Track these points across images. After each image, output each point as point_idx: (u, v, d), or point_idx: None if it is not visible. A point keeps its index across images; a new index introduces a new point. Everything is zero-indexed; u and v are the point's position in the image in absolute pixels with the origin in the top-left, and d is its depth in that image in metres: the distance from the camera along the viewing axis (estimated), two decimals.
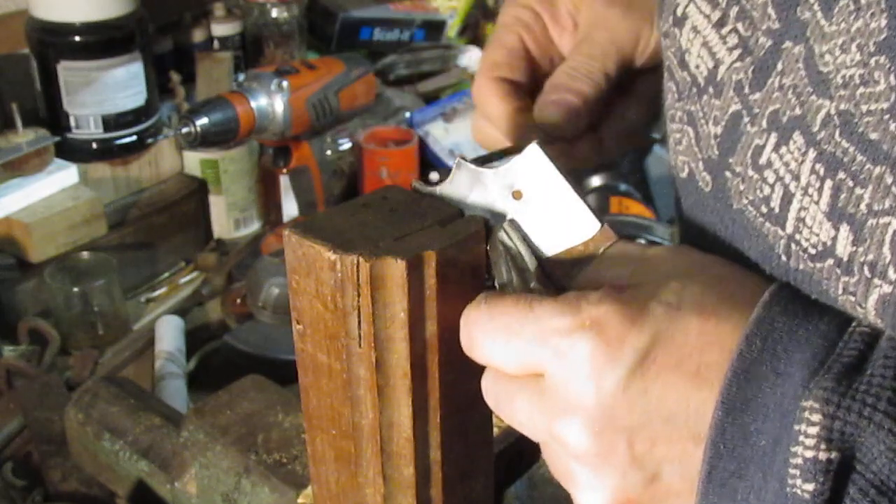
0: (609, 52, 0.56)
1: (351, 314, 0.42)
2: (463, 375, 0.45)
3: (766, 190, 0.40)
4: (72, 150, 1.20)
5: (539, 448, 0.42)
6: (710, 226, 0.45)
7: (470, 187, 0.44)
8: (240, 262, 1.26)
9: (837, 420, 0.34)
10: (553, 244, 0.43)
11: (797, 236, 0.39)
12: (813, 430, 0.34)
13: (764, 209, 0.40)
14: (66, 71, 1.17)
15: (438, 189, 0.45)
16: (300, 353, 0.45)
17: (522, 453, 0.61)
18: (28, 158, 1.12)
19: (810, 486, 0.34)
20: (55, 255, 1.12)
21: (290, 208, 1.32)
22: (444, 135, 1.38)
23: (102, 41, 1.17)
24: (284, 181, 1.30)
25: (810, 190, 0.37)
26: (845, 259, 0.37)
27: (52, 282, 1.09)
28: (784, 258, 0.40)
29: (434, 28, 1.70)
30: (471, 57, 1.66)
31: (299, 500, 0.64)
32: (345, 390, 0.44)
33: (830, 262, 0.38)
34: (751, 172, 0.40)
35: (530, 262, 0.43)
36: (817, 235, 0.38)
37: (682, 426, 0.37)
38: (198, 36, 1.44)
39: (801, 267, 0.39)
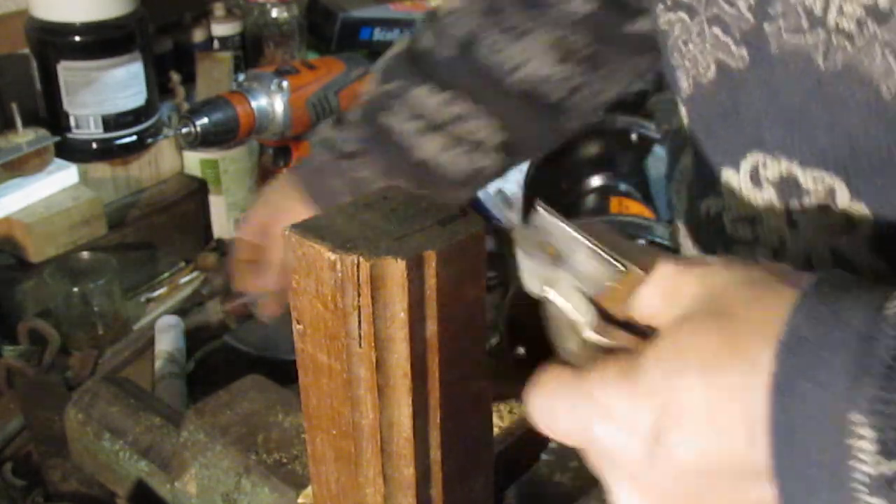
0: None
1: (351, 314, 0.42)
2: (463, 375, 0.45)
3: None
4: (72, 150, 1.20)
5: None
6: (746, 102, 0.51)
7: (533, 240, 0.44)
8: None
9: (891, 430, 0.33)
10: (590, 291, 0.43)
11: (833, 22, 0.44)
12: (868, 447, 0.33)
13: (805, 23, 0.46)
14: (66, 71, 1.17)
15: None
16: (300, 353, 0.45)
17: (523, 453, 0.61)
18: (28, 158, 1.12)
19: (879, 501, 0.33)
20: (55, 255, 1.12)
21: None
22: None
23: (102, 41, 1.17)
24: None
25: None
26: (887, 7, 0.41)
27: (52, 282, 1.09)
28: (821, 63, 0.45)
29: None
30: None
31: (299, 500, 0.64)
32: (345, 390, 0.44)
33: (870, 23, 0.41)
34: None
35: (584, 313, 0.42)
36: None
37: (733, 473, 0.37)
38: (198, 36, 1.44)
39: (840, 58, 0.43)
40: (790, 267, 0.40)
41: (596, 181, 1.17)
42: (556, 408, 0.40)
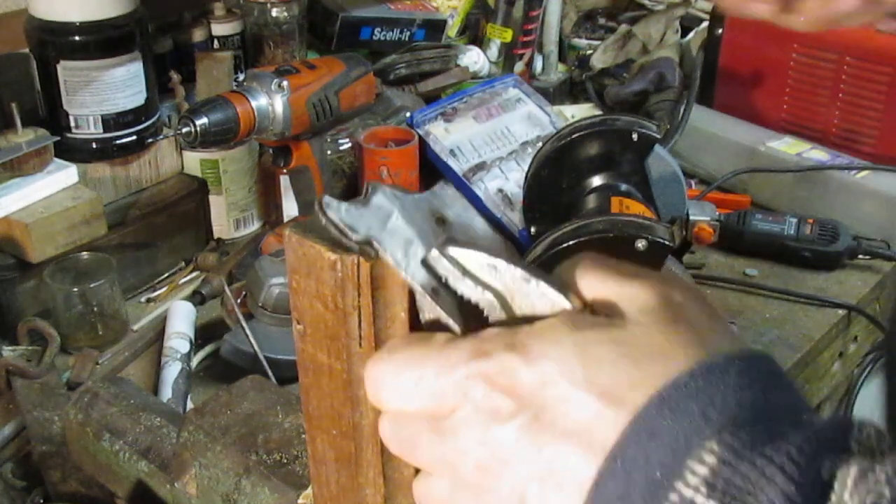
0: None
1: (351, 314, 0.42)
2: None
3: None
4: (71, 150, 1.20)
5: None
6: None
7: (388, 212, 0.41)
8: (240, 262, 1.26)
9: (728, 466, 0.32)
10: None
11: None
12: (702, 470, 0.33)
13: None
14: (66, 71, 1.17)
15: (351, 210, 0.41)
16: (300, 353, 0.45)
17: None
18: (28, 158, 1.12)
19: None
20: (55, 255, 1.12)
21: (290, 208, 1.32)
22: (444, 135, 1.38)
23: (102, 41, 1.17)
24: (284, 181, 1.30)
25: None
26: None
27: (52, 282, 1.09)
28: None
29: (434, 28, 1.70)
30: (471, 57, 1.65)
31: (299, 501, 0.64)
32: (345, 390, 0.44)
33: None
34: None
35: (490, 264, 0.40)
36: None
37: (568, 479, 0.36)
38: (198, 35, 1.44)
39: None
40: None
41: (596, 181, 1.17)
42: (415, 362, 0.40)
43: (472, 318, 0.41)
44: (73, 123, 1.20)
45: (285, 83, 1.15)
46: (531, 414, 0.37)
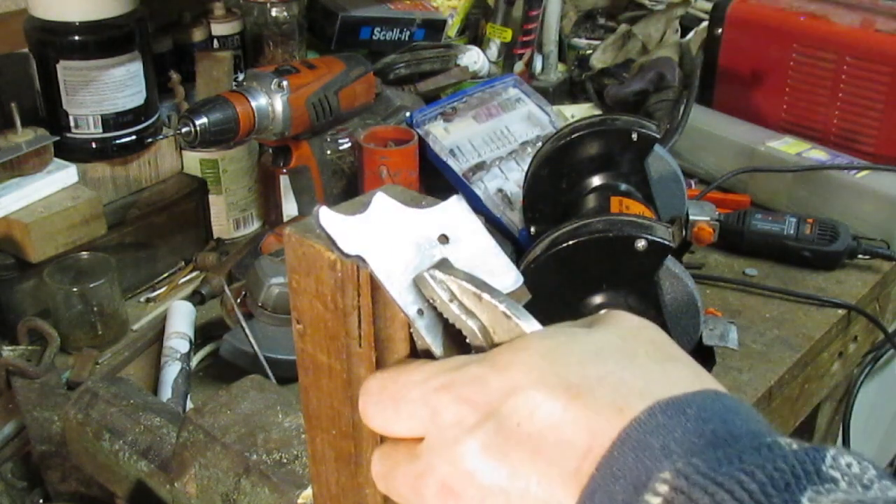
0: None
1: (351, 314, 0.42)
2: None
3: None
4: (71, 150, 1.20)
5: None
6: None
7: (386, 227, 0.41)
8: (240, 262, 1.26)
9: (680, 494, 0.33)
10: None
11: None
12: (655, 501, 0.33)
13: None
14: (66, 70, 1.17)
15: (349, 222, 0.40)
16: (300, 353, 0.45)
17: None
18: (27, 158, 1.12)
19: None
20: (54, 255, 1.12)
21: (290, 208, 1.32)
22: (444, 134, 1.38)
23: (102, 40, 1.17)
24: (284, 181, 1.30)
25: None
26: None
27: (52, 282, 1.09)
28: None
29: (434, 28, 1.70)
30: (471, 57, 1.65)
31: (299, 501, 0.64)
32: (345, 390, 0.44)
33: None
34: None
35: (483, 289, 0.40)
36: None
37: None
38: (198, 35, 1.44)
39: None
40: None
41: (596, 181, 1.17)
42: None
43: (455, 343, 0.41)
44: (72, 123, 1.20)
45: (285, 83, 1.15)
46: (495, 423, 0.37)
